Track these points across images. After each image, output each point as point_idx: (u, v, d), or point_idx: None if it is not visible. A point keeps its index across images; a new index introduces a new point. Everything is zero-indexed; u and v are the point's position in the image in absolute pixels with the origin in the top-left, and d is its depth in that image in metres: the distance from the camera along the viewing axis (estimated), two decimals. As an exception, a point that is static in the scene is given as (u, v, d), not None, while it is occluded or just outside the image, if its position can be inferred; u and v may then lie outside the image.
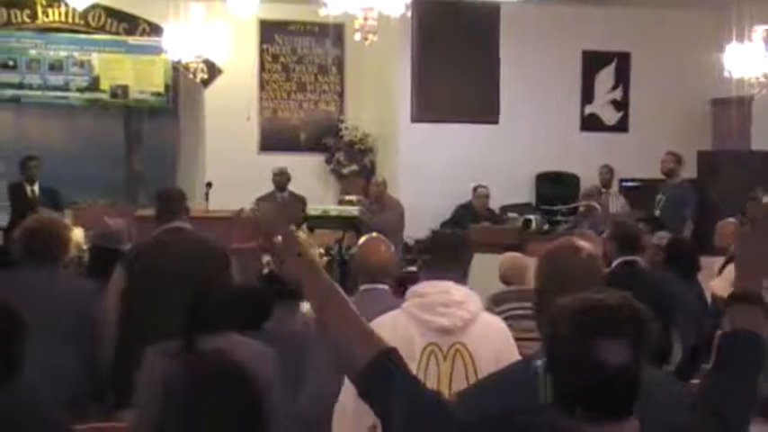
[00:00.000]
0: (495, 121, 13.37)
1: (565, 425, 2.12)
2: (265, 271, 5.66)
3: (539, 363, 2.19)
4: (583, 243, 2.94)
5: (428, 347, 3.56)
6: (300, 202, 11.68)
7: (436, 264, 3.84)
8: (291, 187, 11.93)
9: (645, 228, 9.14)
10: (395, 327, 3.56)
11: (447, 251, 3.90)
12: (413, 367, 3.46)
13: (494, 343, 3.61)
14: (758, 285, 2.51)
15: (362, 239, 4.73)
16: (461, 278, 3.85)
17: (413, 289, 3.75)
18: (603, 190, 12.33)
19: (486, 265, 6.08)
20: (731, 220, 8.64)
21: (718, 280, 7.19)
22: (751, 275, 2.51)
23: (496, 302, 6.31)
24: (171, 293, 4.62)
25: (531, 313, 4.60)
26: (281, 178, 11.95)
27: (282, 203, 11.47)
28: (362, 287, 4.48)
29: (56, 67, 13.18)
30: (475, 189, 12.41)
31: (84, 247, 9.43)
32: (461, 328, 3.59)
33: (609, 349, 2.07)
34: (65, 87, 13.26)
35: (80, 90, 13.30)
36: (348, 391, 3.54)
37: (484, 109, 13.30)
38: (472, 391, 2.87)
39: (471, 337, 3.58)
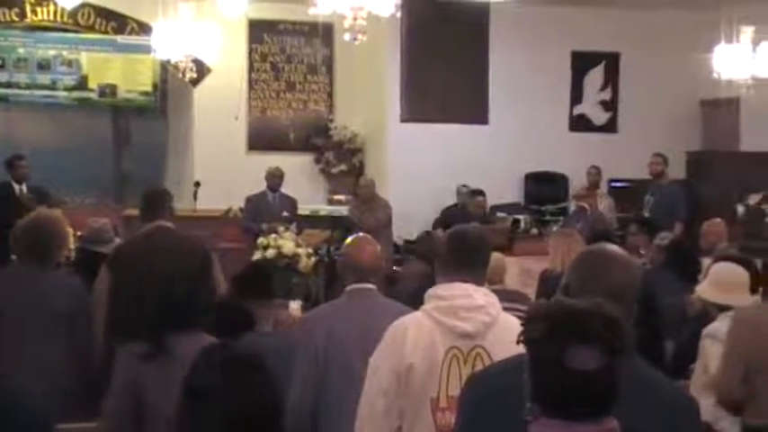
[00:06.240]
0: (485, 122, 13.36)
1: (540, 424, 2.11)
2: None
3: None
4: (617, 249, 2.91)
5: (450, 351, 3.56)
6: (291, 203, 11.54)
7: (457, 264, 3.69)
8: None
9: (636, 229, 9.14)
10: (419, 329, 3.58)
11: (469, 251, 3.72)
12: (436, 370, 3.50)
13: (512, 345, 3.58)
14: None
15: (350, 239, 4.71)
16: (481, 279, 3.74)
17: (433, 291, 3.67)
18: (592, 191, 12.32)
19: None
20: (717, 220, 8.63)
21: (704, 283, 7.15)
22: None
23: None
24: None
25: (520, 314, 4.60)
26: (276, 180, 11.50)
27: None
28: (350, 287, 4.46)
29: (44, 65, 13.12)
30: (472, 194, 12.12)
31: (72, 246, 9.42)
32: (482, 332, 3.58)
33: (578, 355, 2.07)
34: (53, 86, 13.20)
35: (68, 89, 13.24)
36: (377, 391, 3.54)
37: (473, 109, 13.29)
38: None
39: (491, 341, 3.57)
